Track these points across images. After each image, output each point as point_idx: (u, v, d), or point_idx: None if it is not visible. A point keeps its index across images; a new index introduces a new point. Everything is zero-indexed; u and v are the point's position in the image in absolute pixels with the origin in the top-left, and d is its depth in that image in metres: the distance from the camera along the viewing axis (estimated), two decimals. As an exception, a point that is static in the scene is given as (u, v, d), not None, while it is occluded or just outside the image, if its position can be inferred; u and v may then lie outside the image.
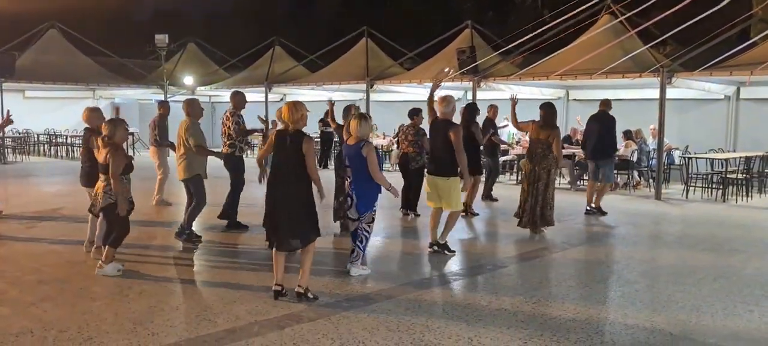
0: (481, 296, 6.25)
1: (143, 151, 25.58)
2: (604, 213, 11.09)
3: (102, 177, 6.87)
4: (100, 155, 6.84)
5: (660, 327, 5.37)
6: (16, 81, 20.27)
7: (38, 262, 7.52)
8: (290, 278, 6.23)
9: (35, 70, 20.97)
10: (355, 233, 6.92)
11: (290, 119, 5.88)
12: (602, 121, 11.30)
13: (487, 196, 12.64)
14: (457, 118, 8.43)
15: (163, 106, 12.26)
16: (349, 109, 8.17)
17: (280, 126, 6.28)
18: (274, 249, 6.01)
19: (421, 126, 10.45)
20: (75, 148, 23.14)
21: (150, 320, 5.46)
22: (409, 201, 10.56)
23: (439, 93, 8.18)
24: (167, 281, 6.72)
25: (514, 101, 10.06)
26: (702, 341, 5.11)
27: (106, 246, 6.92)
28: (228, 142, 9.28)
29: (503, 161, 16.56)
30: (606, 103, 11.46)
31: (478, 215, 10.92)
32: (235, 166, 9.35)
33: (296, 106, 5.91)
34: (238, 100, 9.31)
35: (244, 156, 9.47)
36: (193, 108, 8.68)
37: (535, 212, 9.12)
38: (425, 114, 8.86)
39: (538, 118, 9.23)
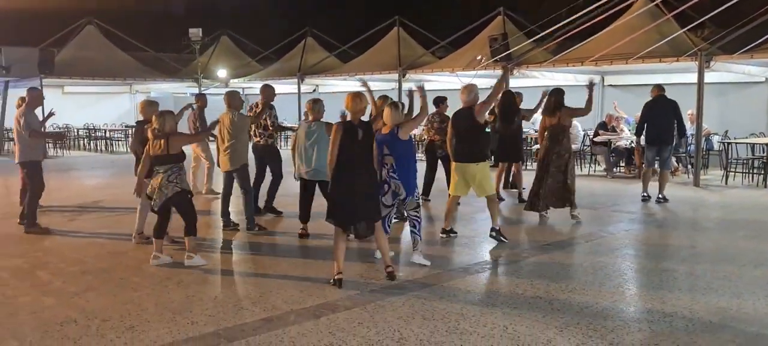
0: (516, 284, 6.22)
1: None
2: (666, 200, 10.92)
3: (160, 170, 6.91)
4: (154, 148, 6.93)
5: (699, 315, 5.29)
6: (56, 77, 20.72)
7: (81, 253, 7.71)
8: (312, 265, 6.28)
9: (74, 66, 21.42)
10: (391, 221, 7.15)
11: (354, 109, 6.15)
12: (658, 107, 10.95)
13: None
14: None
15: (201, 98, 12.44)
16: (384, 100, 8.21)
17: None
18: (337, 236, 6.18)
19: (446, 113, 10.49)
20: (114, 142, 23.63)
21: (189, 309, 5.56)
22: (428, 187, 10.88)
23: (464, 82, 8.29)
24: (205, 271, 6.83)
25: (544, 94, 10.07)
26: (742, 329, 5.02)
27: (187, 238, 7.05)
28: (266, 134, 9.53)
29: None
30: (660, 88, 11.11)
31: (504, 199, 10.95)
32: (275, 156, 9.78)
33: (360, 97, 6.20)
34: (269, 94, 9.43)
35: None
36: (234, 100, 8.82)
37: (552, 191, 9.23)
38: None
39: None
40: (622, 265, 7.03)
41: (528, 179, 11.81)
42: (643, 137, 11.12)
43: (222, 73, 24.23)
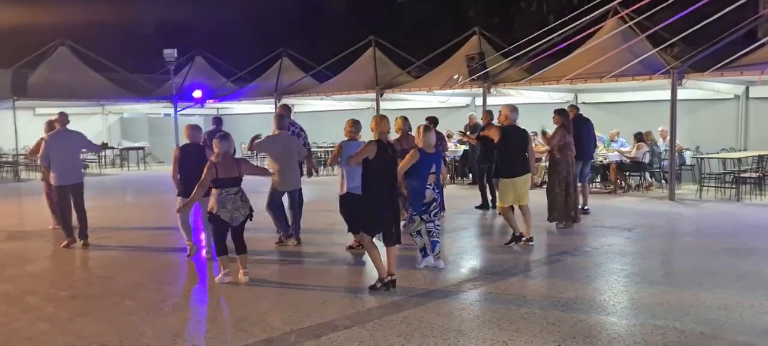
0: (509, 299, 6.33)
1: (155, 164, 25.79)
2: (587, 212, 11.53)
3: (230, 191, 7.09)
4: (228, 171, 7.05)
5: (690, 327, 5.45)
6: (29, 99, 20.46)
7: (68, 278, 7.65)
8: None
9: (47, 88, 21.17)
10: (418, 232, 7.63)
11: (381, 130, 6.80)
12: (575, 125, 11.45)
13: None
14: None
15: (218, 121, 12.22)
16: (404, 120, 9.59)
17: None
18: (372, 246, 6.65)
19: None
20: (92, 164, 23.26)
21: (187, 332, 5.57)
22: None
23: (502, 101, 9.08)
24: (198, 294, 6.82)
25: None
26: (733, 339, 5.20)
27: (243, 256, 7.26)
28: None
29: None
30: (576, 108, 11.84)
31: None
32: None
33: (384, 120, 6.91)
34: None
35: None
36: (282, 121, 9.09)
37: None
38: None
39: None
40: (609, 278, 7.20)
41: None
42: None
43: (197, 93, 24.08)
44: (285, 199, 9.13)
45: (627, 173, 14.98)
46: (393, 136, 8.49)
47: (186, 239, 8.39)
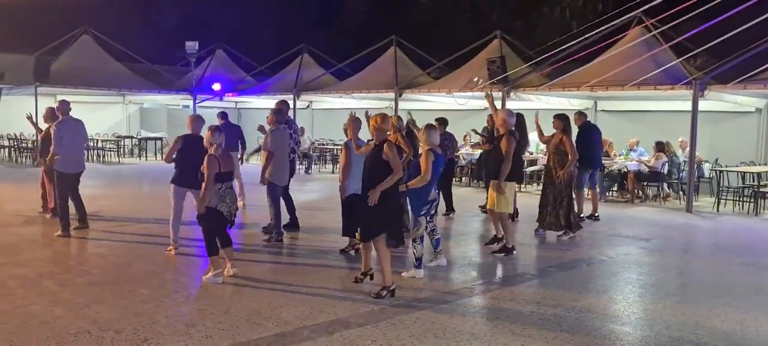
0: (523, 304, 6.31)
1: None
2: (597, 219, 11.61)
3: (221, 186, 7.03)
4: (227, 165, 7.05)
5: (705, 340, 5.40)
6: (51, 86, 20.64)
7: (85, 264, 7.73)
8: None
9: (69, 75, 21.33)
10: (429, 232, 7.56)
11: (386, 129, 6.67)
12: (584, 133, 11.43)
13: None
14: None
15: (224, 116, 12.44)
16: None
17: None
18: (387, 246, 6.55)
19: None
20: (106, 153, 23.48)
21: (201, 322, 5.59)
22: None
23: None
24: (211, 285, 6.84)
25: (536, 116, 10.43)
26: (749, 354, 5.15)
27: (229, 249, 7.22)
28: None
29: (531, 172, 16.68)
30: (582, 115, 11.74)
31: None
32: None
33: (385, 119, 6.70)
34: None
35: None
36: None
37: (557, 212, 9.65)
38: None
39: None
40: (625, 288, 7.15)
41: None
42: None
43: (216, 86, 24.21)
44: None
45: (644, 183, 14.85)
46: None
47: (173, 235, 8.29)
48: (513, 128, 8.68)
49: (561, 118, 9.67)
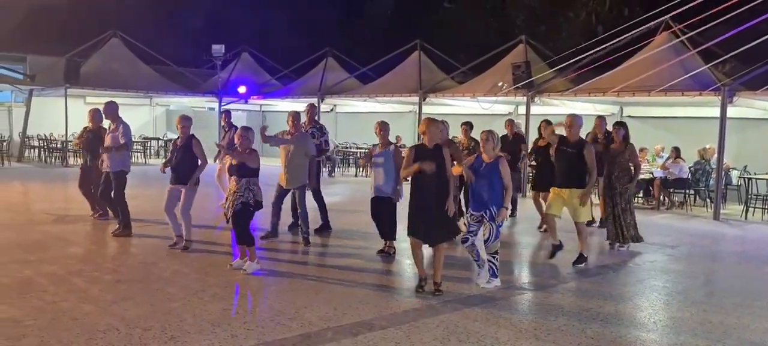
0: (547, 310, 6.29)
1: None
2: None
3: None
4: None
5: (733, 349, 5.35)
6: (81, 87, 20.99)
7: (113, 262, 7.84)
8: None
9: (98, 77, 21.69)
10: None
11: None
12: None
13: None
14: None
15: (227, 114, 12.66)
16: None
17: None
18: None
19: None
20: (137, 154, 23.76)
21: (227, 322, 5.66)
22: None
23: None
24: (237, 285, 6.91)
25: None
26: (778, 364, 5.08)
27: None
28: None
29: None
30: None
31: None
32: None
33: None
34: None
35: None
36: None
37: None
38: None
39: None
40: (651, 296, 7.08)
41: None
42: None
43: (242, 89, 24.42)
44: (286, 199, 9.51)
45: (671, 190, 14.69)
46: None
47: (175, 228, 8.64)
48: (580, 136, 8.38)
49: (622, 126, 9.37)
